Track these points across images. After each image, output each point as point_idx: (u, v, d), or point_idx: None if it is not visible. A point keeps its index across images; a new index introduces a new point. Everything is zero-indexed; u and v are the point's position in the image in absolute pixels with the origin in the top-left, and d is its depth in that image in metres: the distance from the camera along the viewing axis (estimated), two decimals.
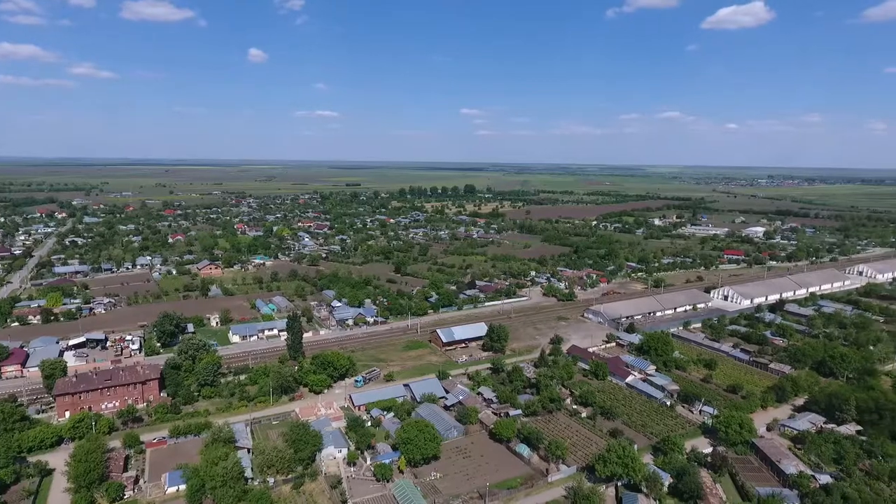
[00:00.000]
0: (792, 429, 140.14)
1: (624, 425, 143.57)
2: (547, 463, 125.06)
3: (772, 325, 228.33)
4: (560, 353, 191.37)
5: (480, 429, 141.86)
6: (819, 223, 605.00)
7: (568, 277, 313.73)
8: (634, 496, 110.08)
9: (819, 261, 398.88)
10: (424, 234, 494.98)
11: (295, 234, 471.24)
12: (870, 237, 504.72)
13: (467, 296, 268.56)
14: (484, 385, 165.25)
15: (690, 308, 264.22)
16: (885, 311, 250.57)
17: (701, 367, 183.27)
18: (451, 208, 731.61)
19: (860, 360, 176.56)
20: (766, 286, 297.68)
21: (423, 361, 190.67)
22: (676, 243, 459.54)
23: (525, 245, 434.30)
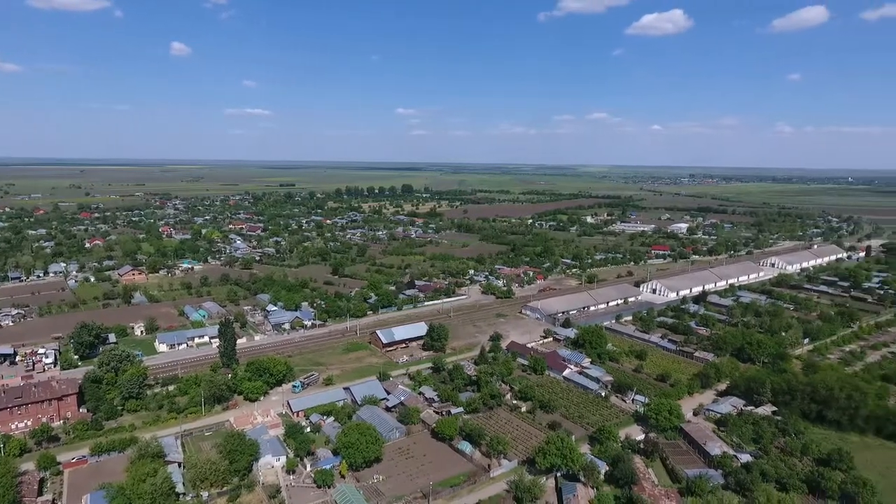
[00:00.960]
0: (716, 413, 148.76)
1: (562, 417, 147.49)
2: (489, 458, 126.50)
3: (696, 316, 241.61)
4: (500, 349, 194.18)
5: (423, 428, 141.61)
6: (736, 219, 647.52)
7: (506, 275, 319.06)
8: (573, 485, 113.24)
9: (736, 254, 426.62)
10: (362, 234, 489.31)
11: (226, 237, 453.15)
12: (780, 231, 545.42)
13: (407, 296, 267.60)
14: (425, 384, 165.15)
15: (622, 302, 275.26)
16: (795, 299, 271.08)
17: (632, 357, 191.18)
18: (388, 208, 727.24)
19: (774, 346, 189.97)
20: (690, 279, 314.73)
21: (364, 363, 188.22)
22: (608, 240, 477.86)
23: (463, 244, 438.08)
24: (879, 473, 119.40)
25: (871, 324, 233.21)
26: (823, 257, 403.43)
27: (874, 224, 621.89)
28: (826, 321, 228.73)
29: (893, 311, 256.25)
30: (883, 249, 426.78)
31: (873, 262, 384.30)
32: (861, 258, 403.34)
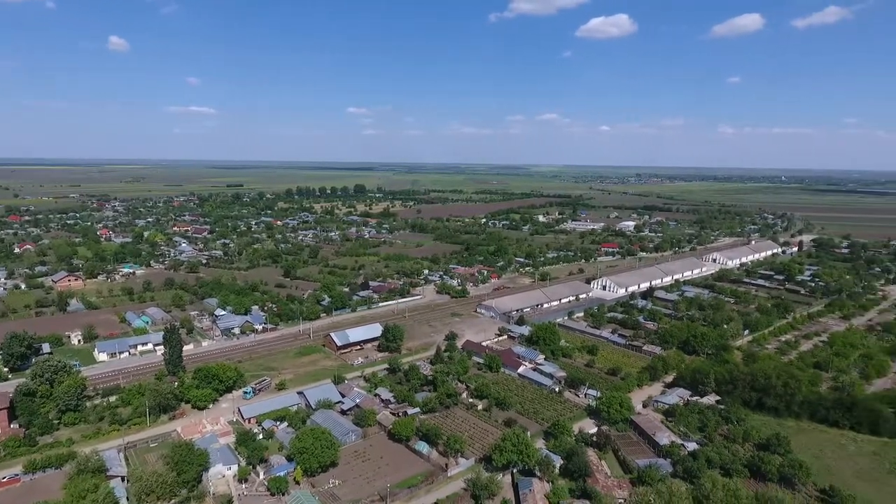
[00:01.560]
0: (664, 403, 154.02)
1: (517, 414, 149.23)
2: (446, 458, 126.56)
3: (644, 311, 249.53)
4: (455, 348, 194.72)
5: (379, 430, 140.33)
6: (680, 217, 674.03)
7: (460, 274, 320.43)
8: (529, 480, 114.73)
9: (681, 251, 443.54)
10: (314, 235, 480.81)
11: (170, 240, 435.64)
12: (721, 228, 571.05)
13: (361, 297, 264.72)
14: (381, 386, 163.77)
15: (574, 298, 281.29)
16: (735, 293, 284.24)
17: (585, 353, 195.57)
18: (341, 209, 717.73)
19: (717, 338, 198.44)
20: (638, 275, 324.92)
21: (318, 367, 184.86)
22: (559, 238, 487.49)
23: (417, 244, 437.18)
24: (813, 455, 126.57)
25: (803, 315, 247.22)
26: (760, 252, 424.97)
27: (805, 220, 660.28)
28: (763, 313, 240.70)
29: (824, 302, 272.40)
30: (813, 244, 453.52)
31: (805, 256, 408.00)
32: (794, 253, 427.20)
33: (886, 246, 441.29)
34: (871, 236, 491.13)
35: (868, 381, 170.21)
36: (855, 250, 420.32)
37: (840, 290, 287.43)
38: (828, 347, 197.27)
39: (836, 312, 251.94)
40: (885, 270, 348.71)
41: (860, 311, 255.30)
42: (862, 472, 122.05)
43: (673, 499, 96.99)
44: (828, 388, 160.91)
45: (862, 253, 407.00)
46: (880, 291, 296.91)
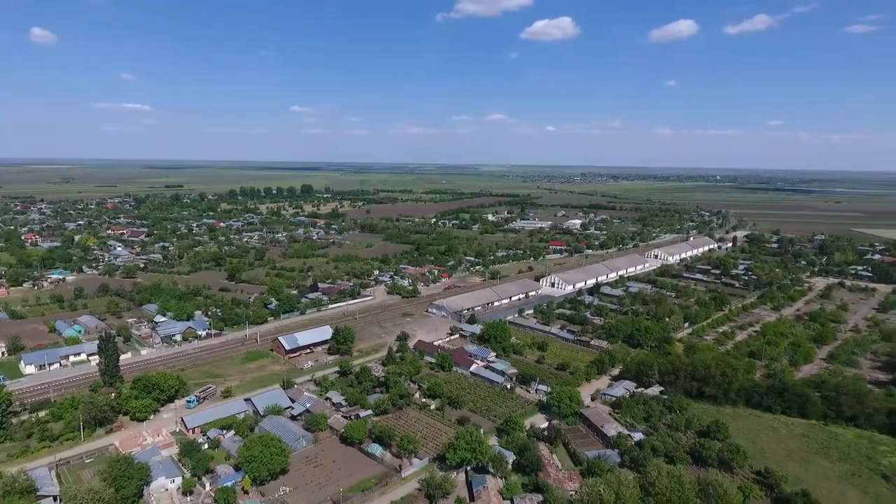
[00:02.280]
0: (611, 396, 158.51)
1: (470, 412, 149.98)
2: (400, 459, 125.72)
3: (591, 307, 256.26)
4: (407, 349, 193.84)
5: (331, 434, 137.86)
6: (623, 215, 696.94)
7: (411, 274, 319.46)
8: (483, 477, 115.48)
9: (625, 248, 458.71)
10: (260, 237, 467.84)
11: (104, 244, 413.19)
12: (661, 226, 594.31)
13: (310, 299, 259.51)
14: (332, 389, 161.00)
15: (523, 296, 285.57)
16: (675, 287, 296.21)
17: (535, 349, 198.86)
18: (288, 209, 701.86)
19: (659, 331, 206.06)
20: (585, 272, 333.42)
21: (266, 372, 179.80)
22: (508, 237, 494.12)
23: (367, 244, 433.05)
24: (749, 440, 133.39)
25: (738, 306, 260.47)
26: (698, 248, 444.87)
27: (739, 217, 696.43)
28: (702, 306, 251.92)
29: (756, 294, 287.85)
30: (746, 240, 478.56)
31: (739, 251, 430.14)
32: (729, 248, 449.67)
33: (811, 240, 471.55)
34: (797, 231, 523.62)
35: (797, 368, 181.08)
36: (783, 245, 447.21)
37: (771, 283, 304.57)
38: (761, 337, 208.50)
39: (768, 304, 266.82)
40: (810, 263, 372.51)
41: (789, 302, 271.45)
42: (793, 452, 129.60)
43: (621, 488, 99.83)
44: (761, 375, 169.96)
45: (790, 247, 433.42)
46: (806, 283, 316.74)
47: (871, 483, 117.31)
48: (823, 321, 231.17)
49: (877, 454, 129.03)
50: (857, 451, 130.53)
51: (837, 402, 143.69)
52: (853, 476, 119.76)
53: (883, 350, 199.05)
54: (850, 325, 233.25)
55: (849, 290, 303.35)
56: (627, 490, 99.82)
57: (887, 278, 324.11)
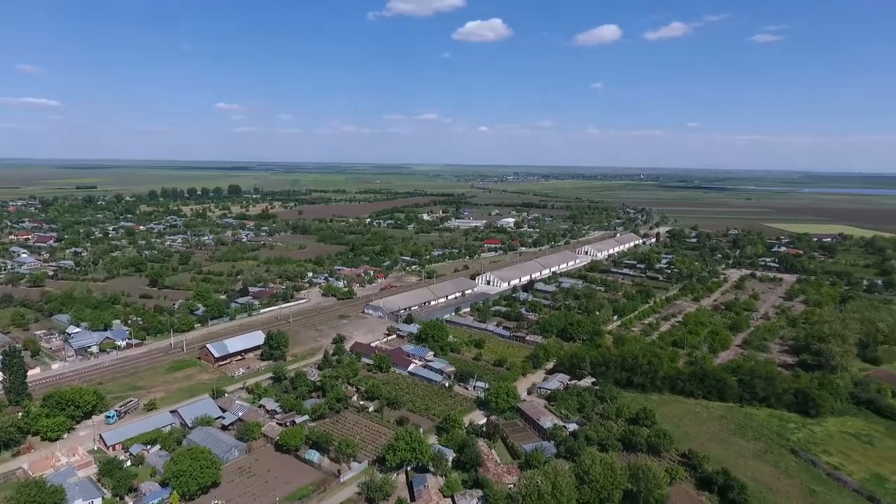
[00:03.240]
0: (546, 389, 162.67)
1: (410, 412, 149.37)
2: (338, 464, 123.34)
3: (525, 303, 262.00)
4: (343, 351, 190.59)
5: (265, 443, 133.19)
6: (554, 213, 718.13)
7: (346, 275, 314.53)
8: (423, 477, 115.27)
9: (557, 245, 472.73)
10: (184, 240, 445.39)
11: (6, 250, 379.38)
12: (591, 223, 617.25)
13: (240, 304, 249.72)
14: (266, 396, 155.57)
15: (460, 294, 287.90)
16: (605, 282, 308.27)
17: (472, 347, 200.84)
18: (214, 211, 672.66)
19: (590, 325, 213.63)
20: (519, 269, 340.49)
21: (193, 381, 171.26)
22: (444, 236, 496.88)
23: (300, 246, 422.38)
24: (674, 424, 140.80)
25: (662, 299, 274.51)
26: (625, 244, 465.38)
27: (661, 214, 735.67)
28: (629, 299, 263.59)
29: (678, 286, 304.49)
30: (668, 235, 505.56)
31: (662, 246, 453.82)
32: (653, 243, 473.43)
33: (726, 235, 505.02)
34: (713, 227, 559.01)
35: (716, 355, 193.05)
36: (701, 240, 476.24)
37: (691, 276, 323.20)
38: (683, 327, 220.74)
39: (689, 295, 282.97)
40: (725, 256, 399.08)
41: (707, 293, 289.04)
42: (713, 434, 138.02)
43: (557, 479, 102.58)
44: (684, 363, 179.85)
45: (707, 242, 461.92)
46: (722, 275, 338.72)
47: (782, 458, 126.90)
48: (738, 310, 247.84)
49: (786, 431, 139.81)
50: (769, 429, 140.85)
51: (751, 385, 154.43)
52: (766, 453, 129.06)
53: (789, 335, 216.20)
54: (761, 313, 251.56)
55: (759, 280, 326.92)
56: (563, 480, 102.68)
57: (792, 269, 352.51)
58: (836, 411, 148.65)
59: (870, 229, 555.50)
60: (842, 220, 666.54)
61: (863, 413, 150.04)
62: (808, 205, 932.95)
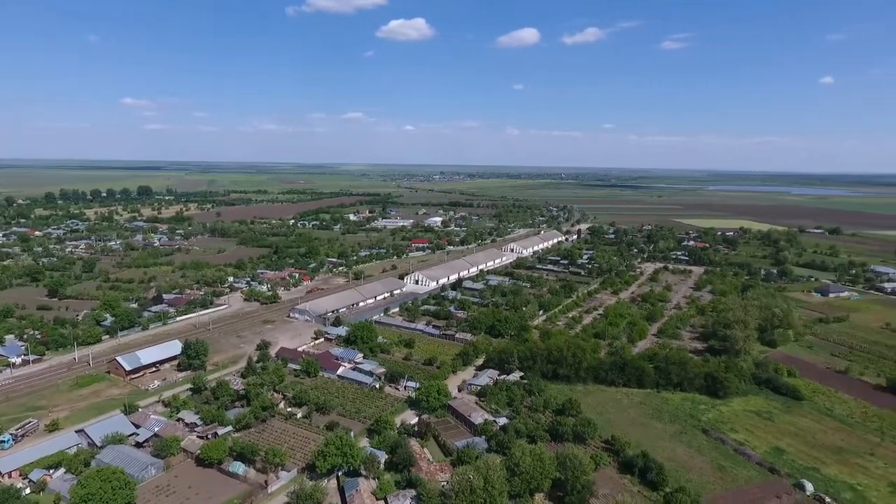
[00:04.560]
0: (476, 385, 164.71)
1: (340, 416, 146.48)
2: (265, 474, 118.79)
3: (454, 301, 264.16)
4: (269, 357, 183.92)
5: (186, 458, 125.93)
6: (481, 212, 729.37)
7: (270, 279, 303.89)
8: (355, 481, 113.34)
9: (483, 243, 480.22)
10: (88, 246, 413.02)
11: None
12: (516, 221, 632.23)
13: (154, 313, 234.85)
14: (185, 409, 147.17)
15: (389, 295, 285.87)
16: (530, 278, 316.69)
17: (402, 347, 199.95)
18: (122, 214, 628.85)
19: (518, 320, 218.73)
20: (447, 268, 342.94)
21: (102, 398, 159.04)
22: (371, 236, 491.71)
23: (219, 250, 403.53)
24: (598, 412, 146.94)
25: (584, 293, 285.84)
26: (548, 241, 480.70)
27: (582, 211, 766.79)
28: (554, 294, 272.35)
29: (599, 280, 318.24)
30: (589, 232, 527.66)
31: (583, 242, 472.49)
32: (575, 240, 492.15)
33: (641, 231, 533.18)
34: (629, 223, 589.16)
35: (634, 344, 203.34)
36: (619, 235, 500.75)
37: (610, 270, 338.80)
38: (604, 319, 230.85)
39: (608, 289, 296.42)
40: (641, 251, 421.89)
41: (625, 286, 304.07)
42: (633, 420, 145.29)
43: (489, 473, 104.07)
44: (605, 353, 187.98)
45: (624, 237, 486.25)
46: (638, 268, 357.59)
47: (694, 438, 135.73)
48: (653, 301, 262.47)
49: (698, 412, 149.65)
50: (682, 411, 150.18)
51: (667, 372, 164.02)
52: (681, 434, 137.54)
53: (699, 323, 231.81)
54: (674, 304, 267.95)
55: (671, 272, 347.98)
56: (495, 474, 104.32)
57: (700, 261, 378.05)
58: (740, 392, 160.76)
59: (766, 223, 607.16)
60: (742, 215, 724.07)
61: (763, 392, 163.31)
62: (714, 201, 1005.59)
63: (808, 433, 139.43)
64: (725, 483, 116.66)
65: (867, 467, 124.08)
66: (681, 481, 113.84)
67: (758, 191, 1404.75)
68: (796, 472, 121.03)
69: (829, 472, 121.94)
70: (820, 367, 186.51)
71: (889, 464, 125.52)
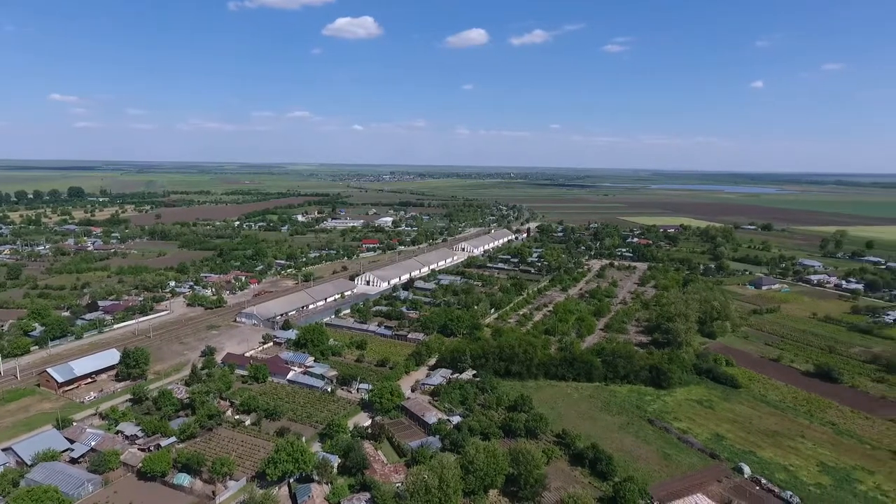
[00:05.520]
0: (430, 385, 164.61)
1: (290, 421, 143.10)
2: (213, 485, 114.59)
3: (406, 302, 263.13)
4: (214, 364, 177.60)
5: (126, 472, 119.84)
6: (431, 211, 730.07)
7: (214, 283, 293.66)
8: (307, 487, 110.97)
9: (435, 242, 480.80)
10: (13, 251, 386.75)
11: None
12: (466, 220, 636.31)
13: (88, 321, 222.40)
14: (124, 420, 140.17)
15: (339, 296, 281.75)
16: (482, 277, 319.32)
17: (354, 349, 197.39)
18: (51, 216, 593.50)
19: (469, 319, 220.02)
20: (398, 268, 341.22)
21: (32, 413, 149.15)
22: (321, 237, 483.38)
23: (159, 253, 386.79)
24: (549, 407, 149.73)
25: (535, 290, 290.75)
26: (499, 240, 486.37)
27: (531, 210, 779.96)
28: (505, 292, 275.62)
29: (548, 278, 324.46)
30: (538, 230, 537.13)
31: (532, 240, 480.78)
32: (524, 238, 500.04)
33: (588, 228, 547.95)
34: (576, 221, 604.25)
35: (583, 339, 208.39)
36: (567, 233, 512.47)
37: (559, 267, 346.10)
38: (553, 315, 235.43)
39: (558, 286, 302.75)
40: (588, 248, 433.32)
41: (573, 283, 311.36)
42: (583, 413, 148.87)
43: (444, 472, 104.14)
44: (556, 349, 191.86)
45: (572, 235, 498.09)
46: (586, 265, 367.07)
47: (641, 428, 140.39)
48: (600, 297, 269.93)
49: (644, 403, 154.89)
50: (629, 403, 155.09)
51: (614, 365, 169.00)
52: (628, 425, 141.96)
53: (643, 317, 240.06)
54: (620, 299, 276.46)
55: (617, 269, 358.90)
56: (449, 472, 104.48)
57: (643, 257, 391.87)
58: (683, 382, 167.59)
59: (704, 220, 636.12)
60: (682, 212, 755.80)
61: (704, 382, 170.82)
62: (656, 200, 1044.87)
63: (745, 419, 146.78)
64: (671, 470, 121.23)
65: (798, 449, 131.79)
66: (629, 471, 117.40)
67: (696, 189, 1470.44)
68: (735, 456, 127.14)
69: (764, 454, 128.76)
70: (755, 356, 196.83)
71: (817, 444, 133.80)
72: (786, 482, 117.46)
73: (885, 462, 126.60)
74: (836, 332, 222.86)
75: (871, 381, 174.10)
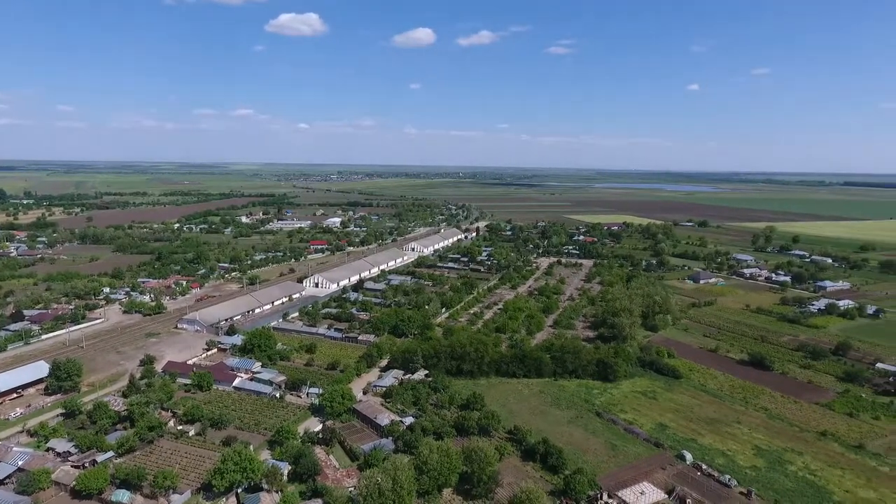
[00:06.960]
0: (381, 387, 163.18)
1: (237, 430, 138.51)
2: (155, 499, 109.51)
3: (356, 303, 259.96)
4: (154, 373, 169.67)
5: (59, 491, 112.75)
6: (381, 211, 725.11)
7: (153, 288, 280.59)
8: (256, 496, 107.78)
9: (384, 243, 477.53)
10: None
11: None
12: (416, 220, 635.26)
13: (12, 331, 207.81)
14: (55, 437, 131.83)
15: (287, 299, 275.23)
16: (432, 276, 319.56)
17: (303, 353, 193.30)
18: None
19: (421, 319, 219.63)
20: (348, 269, 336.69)
21: None
22: (266, 239, 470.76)
23: (92, 258, 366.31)
24: (501, 404, 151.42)
25: (485, 289, 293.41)
26: (449, 239, 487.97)
27: (480, 209, 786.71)
28: (455, 291, 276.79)
29: (498, 276, 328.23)
30: (487, 229, 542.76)
31: (482, 239, 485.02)
32: (474, 237, 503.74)
33: (535, 227, 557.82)
34: (525, 220, 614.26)
35: (532, 336, 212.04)
36: (515, 232, 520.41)
37: (508, 266, 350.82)
38: (504, 313, 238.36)
39: (507, 284, 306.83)
40: (536, 246, 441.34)
41: (523, 281, 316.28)
42: (534, 408, 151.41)
43: (397, 473, 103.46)
44: (506, 346, 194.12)
45: (520, 234, 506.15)
46: (534, 263, 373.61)
47: (590, 421, 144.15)
48: (548, 294, 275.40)
49: (591, 397, 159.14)
50: (578, 397, 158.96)
51: (563, 360, 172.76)
52: (577, 418, 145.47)
53: (590, 312, 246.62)
54: (567, 295, 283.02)
55: (564, 266, 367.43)
56: (403, 473, 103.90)
57: (589, 254, 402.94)
58: (628, 375, 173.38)
59: (645, 218, 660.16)
60: (625, 210, 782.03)
61: (648, 374, 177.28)
62: (600, 198, 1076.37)
63: (686, 408, 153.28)
64: (618, 460, 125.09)
65: (735, 434, 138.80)
66: (578, 463, 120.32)
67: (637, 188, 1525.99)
68: (678, 444, 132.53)
69: (704, 441, 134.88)
70: (694, 347, 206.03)
71: (752, 429, 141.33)
72: (724, 466, 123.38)
73: (812, 443, 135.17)
74: (768, 323, 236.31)
75: (798, 367, 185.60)
